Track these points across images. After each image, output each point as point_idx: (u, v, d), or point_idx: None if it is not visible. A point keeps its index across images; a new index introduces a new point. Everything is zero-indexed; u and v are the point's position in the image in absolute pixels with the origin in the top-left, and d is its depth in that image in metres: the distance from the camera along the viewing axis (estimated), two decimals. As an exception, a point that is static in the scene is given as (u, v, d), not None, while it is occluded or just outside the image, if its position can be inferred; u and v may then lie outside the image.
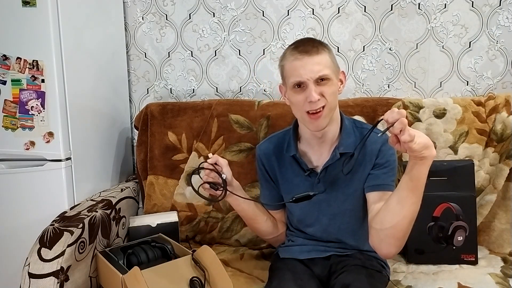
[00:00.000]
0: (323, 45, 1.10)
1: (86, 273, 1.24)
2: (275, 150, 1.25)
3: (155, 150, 1.62)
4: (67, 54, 1.41)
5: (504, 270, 1.31)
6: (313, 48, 1.07)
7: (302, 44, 1.09)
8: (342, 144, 1.14)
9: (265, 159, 1.27)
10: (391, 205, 0.99)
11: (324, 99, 1.07)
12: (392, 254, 1.05)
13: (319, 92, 1.06)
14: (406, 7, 1.65)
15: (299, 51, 1.07)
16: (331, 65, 1.08)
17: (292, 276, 1.11)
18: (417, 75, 1.69)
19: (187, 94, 1.88)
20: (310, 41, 1.10)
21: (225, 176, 1.13)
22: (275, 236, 1.31)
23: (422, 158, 0.89)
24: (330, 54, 1.09)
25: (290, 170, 1.22)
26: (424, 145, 0.87)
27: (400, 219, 0.97)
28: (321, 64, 1.06)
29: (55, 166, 1.41)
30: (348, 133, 1.16)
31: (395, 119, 0.85)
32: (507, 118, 1.47)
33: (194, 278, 1.16)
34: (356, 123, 1.21)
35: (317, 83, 1.06)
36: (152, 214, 1.58)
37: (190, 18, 1.81)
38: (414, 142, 0.85)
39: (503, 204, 1.48)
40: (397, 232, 0.99)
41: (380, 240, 1.03)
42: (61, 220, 1.24)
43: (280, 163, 1.24)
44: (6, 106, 1.40)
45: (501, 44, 1.61)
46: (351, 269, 1.11)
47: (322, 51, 1.07)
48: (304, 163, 1.18)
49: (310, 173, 1.17)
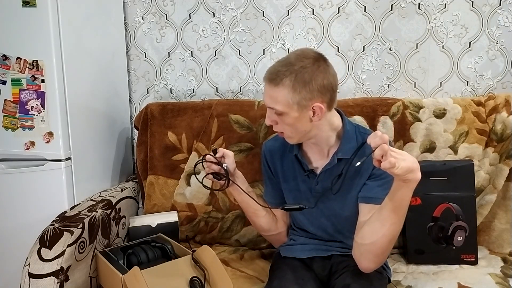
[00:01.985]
0: (294, 76, 1.02)
1: (86, 273, 1.24)
2: (280, 148, 1.26)
3: (155, 150, 1.62)
4: (67, 54, 1.41)
5: (504, 270, 1.31)
6: (276, 78, 1.04)
7: (274, 66, 1.06)
8: (341, 150, 1.13)
9: (269, 156, 1.29)
10: (372, 222, 1.00)
11: (279, 127, 1.10)
12: (370, 269, 1.05)
13: (272, 119, 1.09)
14: (406, 7, 1.65)
15: (266, 74, 1.07)
16: (290, 101, 1.03)
17: (293, 276, 1.11)
18: (417, 75, 1.69)
19: (187, 94, 1.88)
20: (283, 66, 1.04)
21: (226, 166, 1.16)
22: (274, 234, 1.31)
23: (406, 180, 0.87)
24: (295, 87, 1.02)
25: (292, 169, 1.23)
26: (407, 170, 0.85)
27: (379, 237, 0.97)
28: (272, 98, 1.06)
29: (55, 166, 1.41)
30: (348, 139, 1.14)
31: (377, 145, 0.84)
32: (507, 118, 1.47)
33: (194, 278, 1.16)
34: (360, 128, 1.18)
35: (272, 111, 1.08)
36: (152, 214, 1.58)
37: (190, 18, 1.81)
38: (396, 167, 0.83)
39: (503, 204, 1.48)
40: (375, 249, 1.00)
41: (360, 254, 1.04)
42: (61, 220, 1.24)
43: (283, 162, 1.25)
44: (6, 106, 1.40)
45: (501, 44, 1.61)
46: (352, 270, 1.10)
47: (281, 85, 1.03)
48: (305, 164, 1.18)
49: (310, 173, 1.18)
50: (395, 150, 0.86)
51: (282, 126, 1.10)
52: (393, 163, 0.83)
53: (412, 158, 0.87)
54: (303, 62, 1.04)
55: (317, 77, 1.03)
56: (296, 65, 1.04)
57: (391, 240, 0.98)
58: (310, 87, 1.03)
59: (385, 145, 0.84)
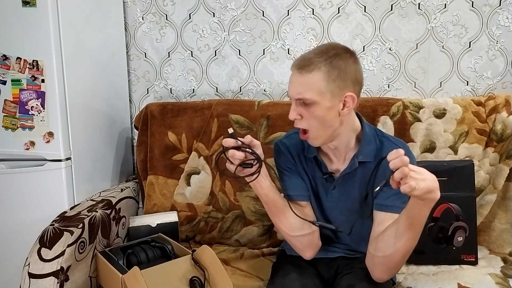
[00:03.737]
0: (328, 62, 0.96)
1: (86, 273, 1.24)
2: (295, 148, 1.16)
3: (155, 150, 1.63)
4: (67, 54, 1.41)
5: (504, 270, 1.31)
6: (309, 65, 0.97)
7: (304, 56, 1.00)
8: (362, 153, 1.07)
9: (286, 150, 1.17)
10: (387, 236, 0.96)
11: (304, 122, 1.00)
12: (383, 280, 1.03)
13: (298, 112, 1.00)
14: (406, 7, 1.65)
15: (295, 62, 1.00)
16: (322, 88, 0.96)
17: (297, 275, 1.10)
18: (417, 75, 1.69)
19: (187, 94, 1.88)
20: (315, 54, 0.98)
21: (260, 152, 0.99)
22: (307, 234, 1.10)
23: (424, 199, 0.84)
24: (330, 73, 0.96)
25: (309, 169, 1.16)
26: (426, 190, 0.81)
27: (393, 251, 0.95)
28: (305, 86, 0.97)
29: (55, 166, 1.41)
30: (368, 141, 1.08)
31: (397, 167, 0.80)
32: (507, 118, 1.47)
33: (194, 278, 1.16)
34: (377, 131, 1.13)
35: (299, 103, 0.99)
36: (152, 214, 1.58)
37: (190, 18, 1.81)
38: (416, 189, 0.79)
39: (503, 204, 1.48)
40: (389, 262, 0.98)
41: (373, 265, 1.02)
42: (61, 220, 1.24)
43: (301, 160, 1.16)
44: (6, 106, 1.40)
45: (501, 44, 1.61)
46: (357, 271, 1.09)
47: (315, 70, 0.96)
48: (324, 165, 1.12)
49: (328, 177, 1.12)
50: (414, 169, 0.81)
51: (308, 122, 1.00)
52: (413, 187, 0.79)
53: (432, 177, 0.83)
54: (336, 50, 0.99)
55: (351, 67, 0.98)
56: (329, 52, 0.98)
57: (405, 254, 0.96)
58: (345, 75, 0.97)
59: (406, 168, 0.79)
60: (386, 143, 1.08)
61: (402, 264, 1.00)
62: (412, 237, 0.92)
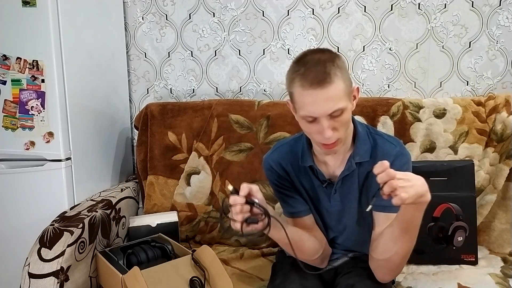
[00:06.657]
0: (335, 65, 0.93)
1: (86, 273, 1.24)
2: (286, 161, 1.13)
3: (155, 150, 1.63)
4: (67, 54, 1.41)
5: (504, 270, 1.31)
6: (326, 77, 0.90)
7: (312, 71, 0.91)
8: (358, 153, 1.06)
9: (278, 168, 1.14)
10: (384, 240, 0.97)
11: (338, 133, 0.95)
12: (386, 281, 1.05)
13: (332, 127, 0.94)
14: (406, 7, 1.65)
15: (309, 81, 0.91)
16: (345, 92, 0.93)
17: (297, 275, 1.10)
18: (417, 75, 1.69)
19: (187, 94, 1.88)
20: (321, 64, 0.92)
21: (257, 202, 0.94)
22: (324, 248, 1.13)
23: (416, 203, 0.84)
24: (343, 75, 0.93)
25: (306, 180, 1.14)
26: (417, 196, 0.81)
27: (392, 254, 0.96)
28: (334, 99, 0.91)
29: (55, 166, 1.41)
30: (363, 141, 1.07)
31: (383, 181, 0.80)
32: (507, 118, 1.47)
33: (194, 278, 1.16)
34: (369, 128, 1.11)
35: (330, 117, 0.93)
36: (152, 214, 1.58)
37: (190, 18, 1.81)
38: (406, 199, 0.79)
39: (503, 204, 1.48)
40: (390, 264, 0.99)
41: (376, 267, 1.04)
42: (61, 220, 1.24)
43: (295, 172, 1.13)
44: (6, 106, 1.40)
45: (501, 44, 1.61)
46: (357, 271, 1.10)
47: (334, 78, 0.91)
48: (321, 174, 1.09)
49: (327, 184, 1.10)
50: (401, 176, 0.81)
51: (339, 132, 0.96)
52: (404, 199, 0.79)
53: (420, 181, 0.82)
54: (325, 54, 0.96)
55: (344, 63, 0.97)
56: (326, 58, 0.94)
57: (405, 256, 0.97)
58: (347, 71, 0.97)
59: (393, 181, 0.79)
60: (379, 141, 1.07)
61: (404, 265, 1.01)
62: (409, 239, 0.93)
